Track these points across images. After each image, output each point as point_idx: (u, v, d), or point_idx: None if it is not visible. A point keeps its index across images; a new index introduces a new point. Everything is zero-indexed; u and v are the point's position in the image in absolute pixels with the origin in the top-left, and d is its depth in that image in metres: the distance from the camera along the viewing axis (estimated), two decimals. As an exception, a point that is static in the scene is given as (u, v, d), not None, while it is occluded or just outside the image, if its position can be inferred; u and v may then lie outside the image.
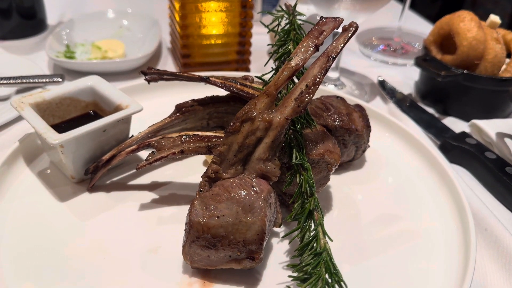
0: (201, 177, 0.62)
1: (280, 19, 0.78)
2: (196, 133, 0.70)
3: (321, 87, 1.00)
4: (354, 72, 1.21)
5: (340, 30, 0.63)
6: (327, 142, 0.69)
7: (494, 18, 0.97)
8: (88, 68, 1.08)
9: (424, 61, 1.01)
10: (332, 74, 1.10)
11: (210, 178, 0.62)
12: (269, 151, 0.61)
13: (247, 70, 1.16)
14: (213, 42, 1.10)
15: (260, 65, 1.19)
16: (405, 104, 1.03)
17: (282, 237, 0.66)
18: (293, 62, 0.62)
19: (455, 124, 0.99)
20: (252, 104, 0.61)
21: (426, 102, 1.07)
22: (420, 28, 1.49)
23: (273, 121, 0.60)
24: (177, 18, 1.06)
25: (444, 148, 0.89)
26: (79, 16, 1.30)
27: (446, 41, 1.02)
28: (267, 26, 0.79)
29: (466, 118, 1.00)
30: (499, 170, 0.80)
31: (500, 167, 0.81)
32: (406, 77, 1.19)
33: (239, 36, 1.12)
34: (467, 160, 0.87)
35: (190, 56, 1.11)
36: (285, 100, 0.61)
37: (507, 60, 1.03)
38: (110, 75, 1.09)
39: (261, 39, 1.25)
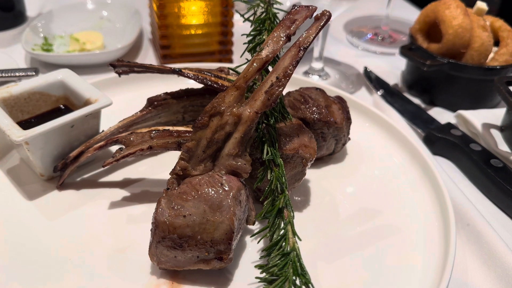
0: (169, 174, 0.60)
1: (256, 8, 0.75)
2: (167, 128, 0.67)
3: (304, 78, 0.97)
4: (340, 62, 1.18)
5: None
6: (303, 136, 0.67)
7: (481, 4, 0.94)
8: (65, 61, 1.05)
9: (409, 50, 0.98)
10: (316, 64, 1.07)
11: (178, 176, 0.59)
12: (239, 146, 0.58)
13: (230, 61, 1.13)
14: (193, 32, 1.07)
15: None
16: (391, 94, 1.01)
17: (251, 236, 0.63)
18: (264, 53, 0.59)
19: (442, 115, 0.97)
20: (221, 98, 0.58)
21: (413, 92, 1.04)
22: (409, 15, 1.45)
23: (242, 115, 0.57)
24: (155, 8, 1.03)
25: (429, 140, 0.86)
26: (58, 7, 1.26)
27: (433, 29, 0.99)
28: (242, 15, 0.76)
29: (453, 108, 0.98)
30: (484, 163, 0.78)
31: (485, 159, 0.79)
32: (393, 66, 1.16)
33: (220, 26, 1.08)
34: (452, 152, 0.84)
35: (170, 47, 1.08)
36: (255, 93, 0.58)
37: (495, 48, 1.00)
38: (89, 68, 1.06)
39: (245, 28, 1.22)
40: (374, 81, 1.06)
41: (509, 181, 0.74)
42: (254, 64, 0.58)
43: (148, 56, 1.16)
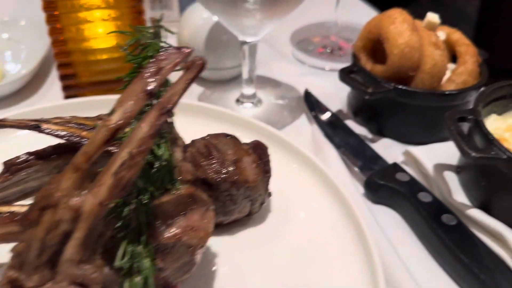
0: (-4, 286, 0.44)
1: (137, 40, 0.59)
2: (13, 209, 0.51)
3: (225, 110, 0.81)
4: (281, 83, 1.03)
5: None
6: (192, 213, 0.51)
7: (432, 17, 0.79)
8: None
9: (350, 73, 0.83)
10: (246, 89, 0.91)
11: (7, 289, 0.44)
12: (83, 249, 0.43)
13: (151, 87, 0.97)
14: (100, 57, 0.91)
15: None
16: (332, 124, 0.86)
17: None
18: (114, 117, 0.43)
19: (391, 149, 0.82)
20: (54, 183, 0.42)
21: (359, 119, 0.89)
22: (365, 17, 1.30)
23: (82, 209, 0.42)
24: (48, 33, 0.86)
25: (370, 187, 0.72)
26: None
27: (378, 47, 0.84)
28: (124, 49, 0.60)
29: (404, 140, 0.84)
30: (434, 219, 0.64)
31: (436, 214, 0.64)
32: (340, 87, 1.00)
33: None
34: (397, 202, 0.70)
35: (76, 75, 0.92)
36: (101, 175, 0.42)
37: (453, 65, 0.86)
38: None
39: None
40: (315, 107, 0.90)
41: (462, 244, 0.60)
42: (101, 133, 0.43)
43: (54, 85, 0.98)
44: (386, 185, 0.70)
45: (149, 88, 0.44)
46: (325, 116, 0.88)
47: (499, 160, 0.59)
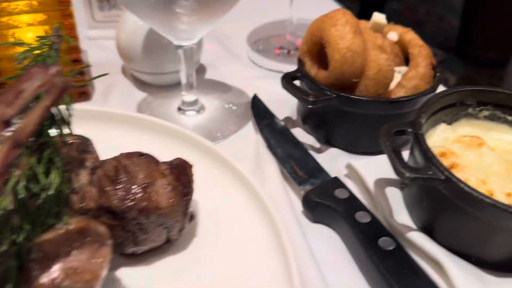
0: None
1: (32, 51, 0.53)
2: None
3: (159, 121, 0.75)
4: (230, 88, 0.96)
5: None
6: (79, 252, 0.46)
7: (378, 18, 0.73)
8: None
9: (293, 79, 0.77)
10: (187, 96, 0.84)
11: None
12: None
13: (88, 98, 0.90)
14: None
15: (107, 88, 0.94)
16: (276, 133, 0.80)
17: None
18: (-39, 152, 0.37)
19: (337, 160, 0.76)
20: None
21: (307, 127, 0.83)
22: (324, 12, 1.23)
23: None
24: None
25: (307, 205, 0.66)
26: None
27: (324, 51, 0.78)
28: (18, 61, 0.53)
29: (353, 150, 0.78)
30: (370, 242, 0.58)
31: (373, 237, 0.59)
32: (292, 91, 0.95)
33: (72, 63, 0.86)
34: (335, 222, 0.64)
35: (5, 85, 0.85)
36: None
37: (403, 68, 0.80)
38: None
39: (106, 47, 1.00)
40: (261, 114, 0.84)
41: (397, 273, 0.54)
42: None
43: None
44: (323, 203, 0.64)
45: (5, 113, 0.38)
46: (271, 124, 0.82)
47: (436, 181, 0.53)
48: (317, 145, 0.81)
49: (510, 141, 0.66)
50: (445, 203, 0.56)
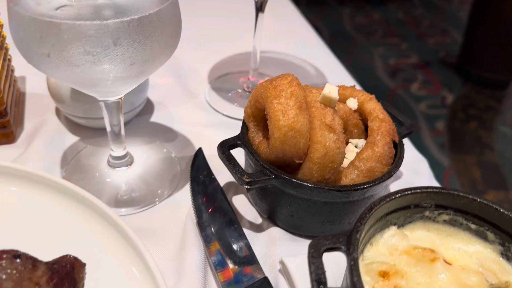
0: None
1: None
2: None
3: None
4: (177, 136, 0.86)
5: None
6: None
7: (329, 91, 0.62)
8: None
9: (231, 147, 0.67)
10: (115, 150, 0.74)
11: None
12: None
13: (11, 139, 0.80)
14: None
15: (35, 129, 0.83)
16: (213, 203, 0.70)
17: None
18: None
19: (276, 244, 0.66)
20: None
21: (252, 196, 0.73)
22: (301, 35, 1.12)
23: None
24: None
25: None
26: None
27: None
28: None
29: (296, 231, 0.68)
30: None
31: None
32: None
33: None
34: None
35: None
36: None
37: (361, 142, 0.69)
38: None
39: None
40: (200, 176, 0.74)
41: None
42: None
43: None
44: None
45: None
46: (209, 192, 0.72)
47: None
48: (259, 220, 0.71)
49: (471, 254, 0.56)
50: None
